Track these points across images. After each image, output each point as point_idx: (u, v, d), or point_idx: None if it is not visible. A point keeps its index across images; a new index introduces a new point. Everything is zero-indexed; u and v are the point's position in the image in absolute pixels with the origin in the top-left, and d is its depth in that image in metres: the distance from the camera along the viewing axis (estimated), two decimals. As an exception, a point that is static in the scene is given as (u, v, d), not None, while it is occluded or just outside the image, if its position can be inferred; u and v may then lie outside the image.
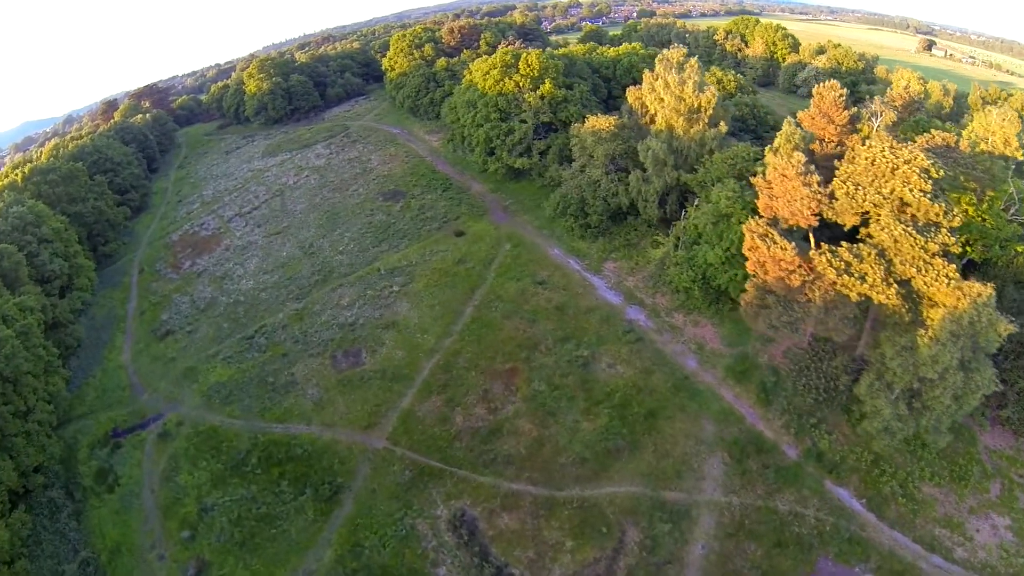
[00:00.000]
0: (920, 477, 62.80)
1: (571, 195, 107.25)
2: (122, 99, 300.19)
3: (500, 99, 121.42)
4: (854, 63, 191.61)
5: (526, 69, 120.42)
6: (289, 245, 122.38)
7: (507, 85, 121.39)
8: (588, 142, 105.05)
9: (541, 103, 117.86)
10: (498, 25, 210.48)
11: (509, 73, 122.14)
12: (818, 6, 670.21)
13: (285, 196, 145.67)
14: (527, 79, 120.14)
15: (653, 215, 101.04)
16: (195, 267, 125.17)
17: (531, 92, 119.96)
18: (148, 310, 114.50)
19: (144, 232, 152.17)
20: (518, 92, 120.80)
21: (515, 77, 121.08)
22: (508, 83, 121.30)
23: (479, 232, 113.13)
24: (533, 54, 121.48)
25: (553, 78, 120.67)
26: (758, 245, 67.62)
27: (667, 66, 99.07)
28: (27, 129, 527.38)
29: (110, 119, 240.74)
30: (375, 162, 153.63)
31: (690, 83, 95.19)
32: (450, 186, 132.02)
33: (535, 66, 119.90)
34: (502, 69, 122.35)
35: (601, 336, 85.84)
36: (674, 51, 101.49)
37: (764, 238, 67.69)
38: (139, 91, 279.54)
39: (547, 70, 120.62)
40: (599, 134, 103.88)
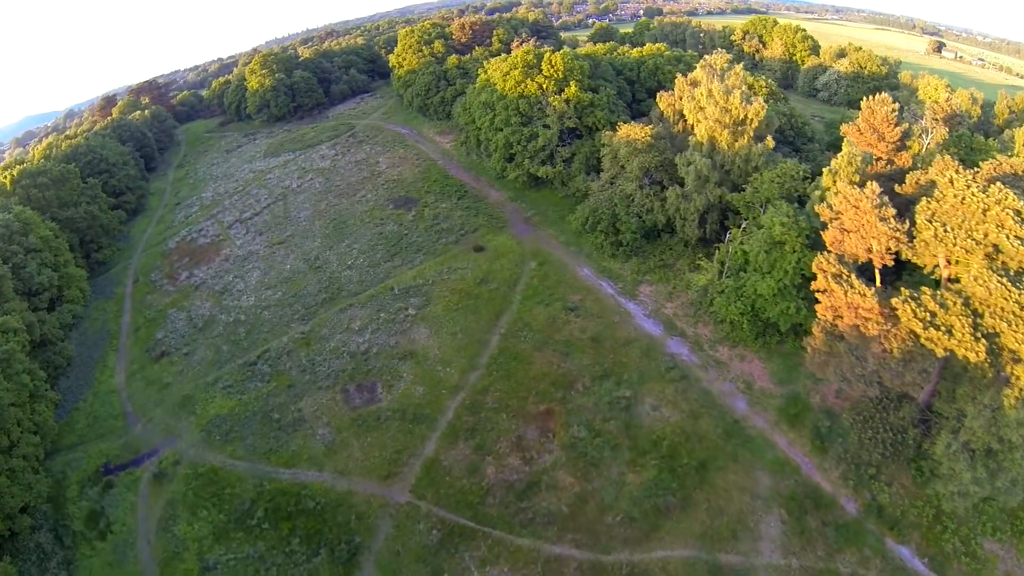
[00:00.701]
0: (982, 532, 57.32)
1: (601, 210, 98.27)
2: (122, 94, 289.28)
3: (521, 102, 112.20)
4: (877, 67, 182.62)
5: (549, 70, 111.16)
6: (293, 257, 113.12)
7: (529, 87, 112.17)
8: (621, 152, 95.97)
9: (566, 107, 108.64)
10: (510, 22, 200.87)
11: (531, 74, 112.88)
12: (823, 5, 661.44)
13: (288, 201, 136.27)
14: (551, 81, 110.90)
15: (692, 235, 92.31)
16: (193, 279, 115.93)
17: (555, 95, 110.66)
18: (143, 326, 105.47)
19: (140, 237, 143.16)
20: (541, 95, 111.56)
21: (538, 79, 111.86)
22: (530, 85, 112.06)
23: (500, 247, 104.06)
24: (557, 54, 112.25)
25: (578, 80, 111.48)
26: (832, 288, 60.00)
27: (710, 73, 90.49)
28: (28, 123, 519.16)
29: (108, 115, 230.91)
30: (383, 165, 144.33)
31: (737, 93, 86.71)
32: (465, 193, 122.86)
33: (559, 67, 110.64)
34: (523, 70, 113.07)
35: (643, 373, 77.11)
36: (717, 56, 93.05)
37: (839, 280, 59.93)
38: (138, 86, 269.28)
39: (572, 72, 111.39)
40: (633, 144, 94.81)
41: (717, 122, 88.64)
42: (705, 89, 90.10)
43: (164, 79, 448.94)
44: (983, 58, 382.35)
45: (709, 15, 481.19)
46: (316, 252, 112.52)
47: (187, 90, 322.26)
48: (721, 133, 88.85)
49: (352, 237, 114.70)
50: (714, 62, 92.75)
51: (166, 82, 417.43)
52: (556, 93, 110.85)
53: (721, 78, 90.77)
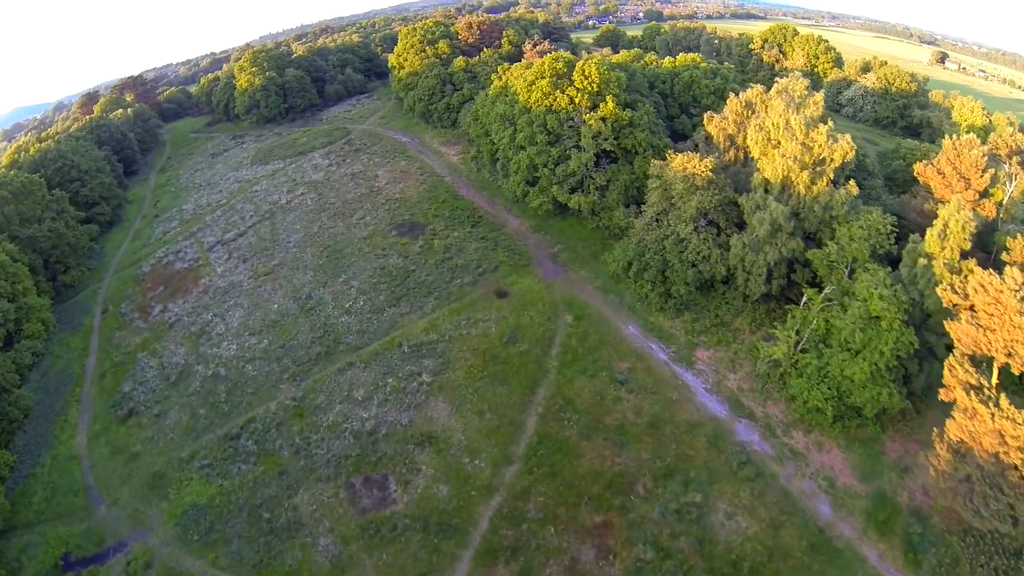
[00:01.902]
0: None
1: (649, 254, 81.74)
2: (105, 91, 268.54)
3: (550, 118, 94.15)
4: (906, 84, 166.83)
5: (582, 82, 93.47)
6: (281, 293, 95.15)
7: (559, 101, 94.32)
8: (678, 188, 79.11)
9: (602, 126, 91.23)
10: (519, 22, 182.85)
11: (561, 85, 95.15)
12: (819, 11, 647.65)
13: (276, 220, 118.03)
14: (584, 95, 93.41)
15: (756, 291, 76.20)
16: (167, 314, 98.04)
17: (589, 112, 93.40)
18: (109, 372, 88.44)
19: (114, 254, 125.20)
20: (573, 111, 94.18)
21: (569, 91, 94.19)
22: (560, 99, 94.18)
23: (527, 292, 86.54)
24: (591, 64, 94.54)
25: (615, 95, 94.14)
26: (974, 407, 48.65)
27: (787, 101, 74.13)
28: (18, 115, 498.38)
29: (90, 113, 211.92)
30: (383, 179, 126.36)
31: (822, 129, 71.00)
32: (479, 219, 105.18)
33: (594, 79, 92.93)
34: (552, 80, 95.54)
35: (712, 469, 61.67)
36: (795, 82, 76.72)
37: (980, 395, 48.63)
38: (122, 83, 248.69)
39: (608, 84, 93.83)
40: (692, 180, 78.12)
41: (795, 161, 72.47)
42: (781, 120, 73.83)
43: (155, 73, 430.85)
44: (984, 69, 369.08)
45: (709, 19, 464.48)
46: (308, 289, 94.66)
47: (177, 86, 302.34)
48: (799, 174, 73.02)
49: (349, 270, 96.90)
50: (792, 89, 76.24)
51: (157, 76, 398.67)
52: (590, 109, 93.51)
53: (798, 107, 74.56)
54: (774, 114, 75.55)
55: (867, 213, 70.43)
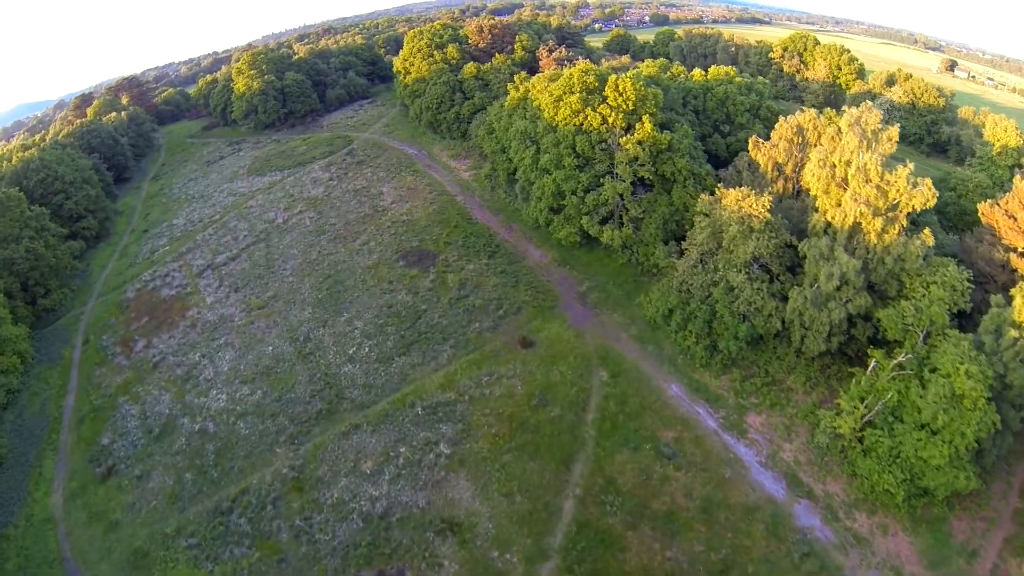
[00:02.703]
0: None
1: (694, 304, 71.51)
2: (102, 91, 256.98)
3: (580, 139, 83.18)
4: (933, 99, 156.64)
5: (616, 99, 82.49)
6: (276, 333, 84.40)
7: (591, 120, 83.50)
8: (731, 231, 68.67)
9: (640, 151, 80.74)
10: (531, 26, 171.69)
11: (592, 102, 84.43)
12: (822, 15, 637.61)
13: (271, 243, 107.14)
14: (618, 114, 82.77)
15: (814, 349, 65.83)
16: (151, 352, 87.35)
17: (625, 134, 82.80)
18: (88, 418, 78.36)
19: (99, 274, 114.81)
20: (606, 132, 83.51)
21: (601, 109, 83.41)
22: (592, 117, 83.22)
23: (555, 341, 75.77)
24: (625, 78, 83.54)
25: (651, 114, 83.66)
26: None
27: (859, 136, 63.94)
28: (20, 112, 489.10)
29: (83, 116, 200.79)
30: (388, 197, 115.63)
31: (902, 172, 61.07)
32: (497, 248, 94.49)
33: (629, 96, 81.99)
34: (583, 95, 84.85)
35: (772, 564, 52.10)
36: (868, 113, 66.12)
37: None
38: (118, 84, 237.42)
39: (644, 102, 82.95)
40: (747, 221, 67.74)
41: (867, 205, 62.24)
42: (855, 159, 63.63)
43: (157, 72, 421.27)
44: (991, 78, 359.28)
45: (715, 23, 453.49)
46: (306, 328, 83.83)
47: (177, 86, 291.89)
48: (871, 221, 62.65)
49: (352, 307, 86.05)
50: (865, 120, 65.81)
51: (158, 75, 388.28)
52: (624, 130, 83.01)
53: (869, 143, 64.40)
54: (844, 150, 65.50)
55: (942, 266, 61.17)
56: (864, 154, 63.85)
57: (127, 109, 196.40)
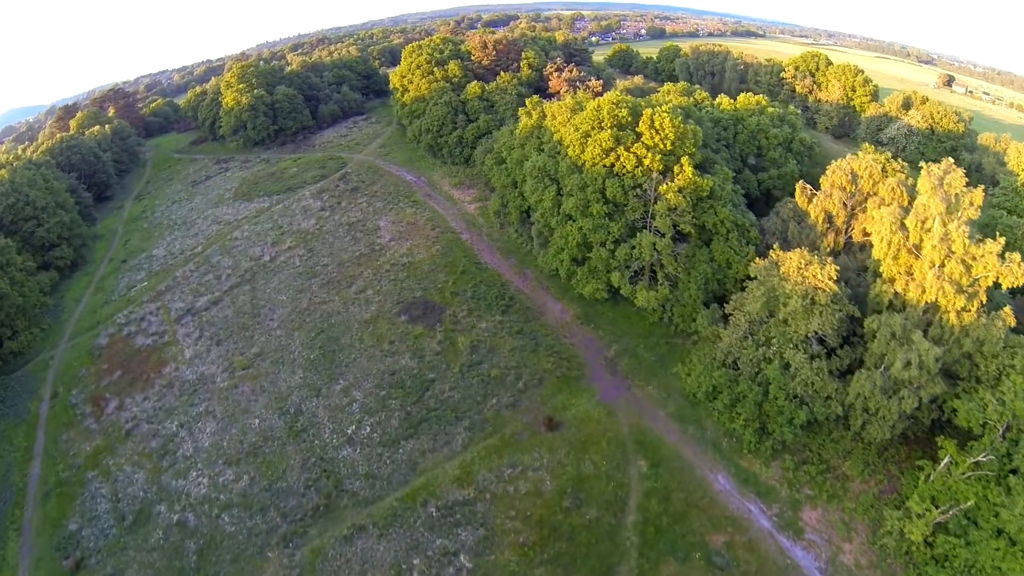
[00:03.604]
0: None
1: (744, 384, 59.50)
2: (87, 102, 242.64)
3: (611, 183, 70.77)
4: (952, 124, 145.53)
5: (653, 137, 70.07)
6: (263, 402, 71.60)
7: (624, 161, 71.02)
8: (794, 305, 56.50)
9: (680, 199, 68.16)
10: (537, 41, 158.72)
11: (624, 140, 71.89)
12: (815, 28, 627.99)
13: (257, 285, 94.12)
14: (655, 155, 70.08)
15: (877, 436, 55.58)
16: (123, 415, 74.96)
17: (660, 176, 70.07)
18: (55, 493, 67.00)
19: (72, 310, 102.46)
20: (642, 176, 70.67)
21: (635, 148, 70.79)
22: (625, 158, 70.88)
23: (585, 422, 63.65)
24: (662, 112, 70.88)
25: (691, 154, 71.37)
26: None
27: (942, 199, 52.17)
28: (13, 116, 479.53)
29: (65, 129, 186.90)
30: (386, 234, 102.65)
31: (994, 247, 51.49)
32: (511, 301, 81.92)
33: (667, 133, 69.55)
34: (614, 132, 72.05)
35: None
36: (953, 173, 54.81)
37: None
38: (103, 95, 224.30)
39: (683, 140, 70.81)
40: (810, 294, 55.72)
41: (948, 281, 50.42)
42: (936, 227, 51.90)
43: (150, 79, 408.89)
44: (988, 92, 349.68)
45: (710, 36, 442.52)
46: (297, 398, 71.11)
47: (169, 95, 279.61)
48: (952, 300, 52.27)
49: (349, 373, 73.32)
50: (949, 182, 54.24)
51: (151, 83, 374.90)
52: (661, 173, 70.44)
53: (949, 206, 52.65)
54: (922, 212, 54.14)
55: (1022, 349, 51.45)
56: (948, 222, 52.31)
57: (112, 122, 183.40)
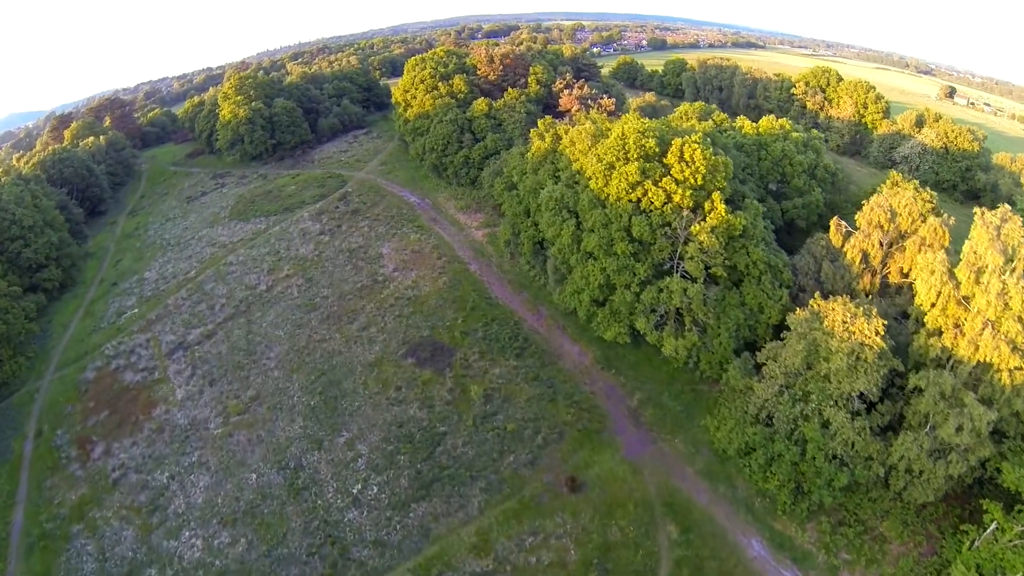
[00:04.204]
0: None
1: (780, 442, 54.57)
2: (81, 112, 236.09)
3: (638, 220, 65.19)
4: (967, 143, 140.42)
5: (683, 171, 64.46)
6: (260, 454, 65.76)
7: (652, 196, 65.31)
8: (839, 363, 51.19)
9: (713, 240, 62.48)
10: (544, 55, 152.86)
11: (652, 173, 66.15)
12: (813, 39, 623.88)
13: (253, 318, 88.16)
14: (685, 190, 64.36)
15: (919, 499, 52.14)
16: (111, 460, 69.69)
17: (690, 212, 64.27)
18: (38, 547, 61.65)
19: (60, 335, 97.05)
20: (671, 213, 64.77)
21: (665, 183, 65.07)
22: (654, 194, 65.18)
23: (609, 481, 58.30)
24: (692, 142, 65.02)
25: (721, 188, 65.72)
26: None
27: (1001, 254, 47.41)
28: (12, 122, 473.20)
29: (60, 140, 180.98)
30: (389, 263, 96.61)
31: None
32: (526, 343, 76.03)
33: (698, 167, 63.95)
34: (641, 164, 66.25)
35: None
36: (1011, 221, 49.47)
37: None
38: (99, 104, 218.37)
39: (715, 174, 65.15)
40: (857, 351, 50.40)
41: (1004, 340, 45.18)
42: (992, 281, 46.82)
43: (150, 86, 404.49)
44: (989, 103, 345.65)
45: (711, 48, 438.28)
46: (297, 450, 65.31)
47: (166, 104, 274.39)
48: (1007, 359, 48.47)
49: (353, 423, 67.43)
50: (1007, 234, 48.98)
51: (151, 90, 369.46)
52: (692, 210, 64.70)
53: (1007, 258, 47.46)
54: (975, 262, 49.79)
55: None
56: (1005, 275, 47.20)
57: (107, 133, 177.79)
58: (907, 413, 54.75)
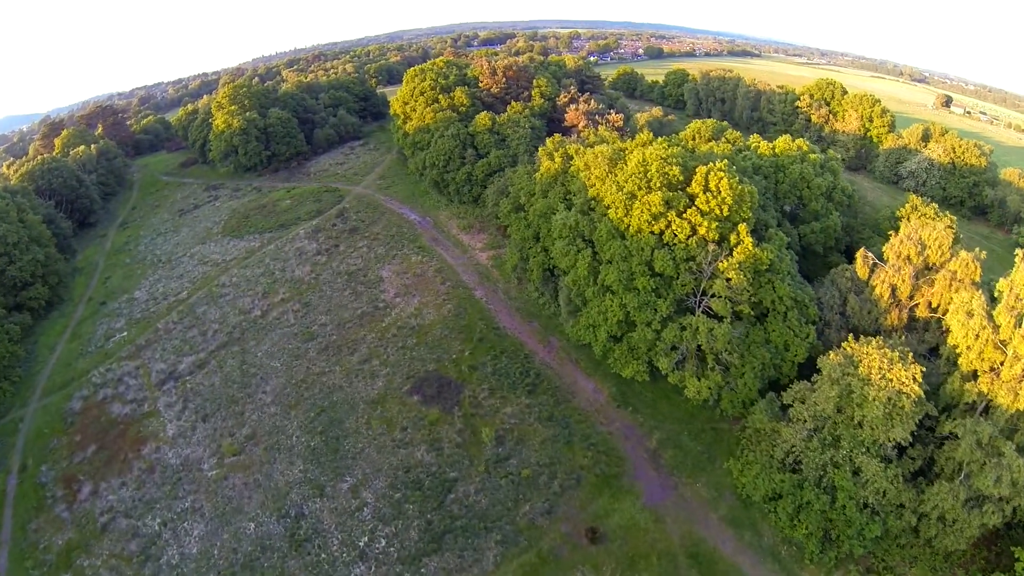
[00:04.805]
0: None
1: (809, 490, 51.68)
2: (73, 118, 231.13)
3: (660, 254, 61.54)
4: (975, 159, 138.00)
5: (709, 202, 60.88)
6: (258, 499, 61.56)
7: (676, 228, 61.67)
8: (875, 413, 48.14)
9: (740, 277, 58.70)
10: (548, 67, 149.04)
11: (676, 203, 62.45)
12: (807, 47, 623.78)
13: (247, 347, 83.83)
14: (711, 222, 60.65)
15: (951, 547, 50.52)
16: (99, 504, 64.79)
17: (719, 251, 60.54)
18: None
19: (46, 359, 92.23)
20: (696, 247, 60.99)
21: (690, 214, 61.39)
22: (678, 226, 61.52)
23: (631, 532, 54.72)
24: (719, 172, 61.37)
25: (747, 219, 62.14)
26: None
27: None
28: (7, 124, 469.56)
29: (51, 148, 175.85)
30: (390, 287, 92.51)
31: None
32: (538, 379, 71.96)
33: (725, 197, 60.47)
34: (664, 194, 62.38)
35: None
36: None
37: None
38: (92, 111, 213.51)
39: (741, 204, 61.62)
40: (895, 400, 47.63)
41: None
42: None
43: (144, 91, 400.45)
44: (985, 111, 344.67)
45: (707, 56, 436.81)
46: (297, 497, 61.13)
47: (160, 111, 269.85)
48: None
49: (357, 467, 63.24)
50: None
51: (145, 95, 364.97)
52: (716, 243, 61.02)
53: None
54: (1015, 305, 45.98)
55: None
56: None
57: (98, 142, 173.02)
58: (938, 458, 52.72)
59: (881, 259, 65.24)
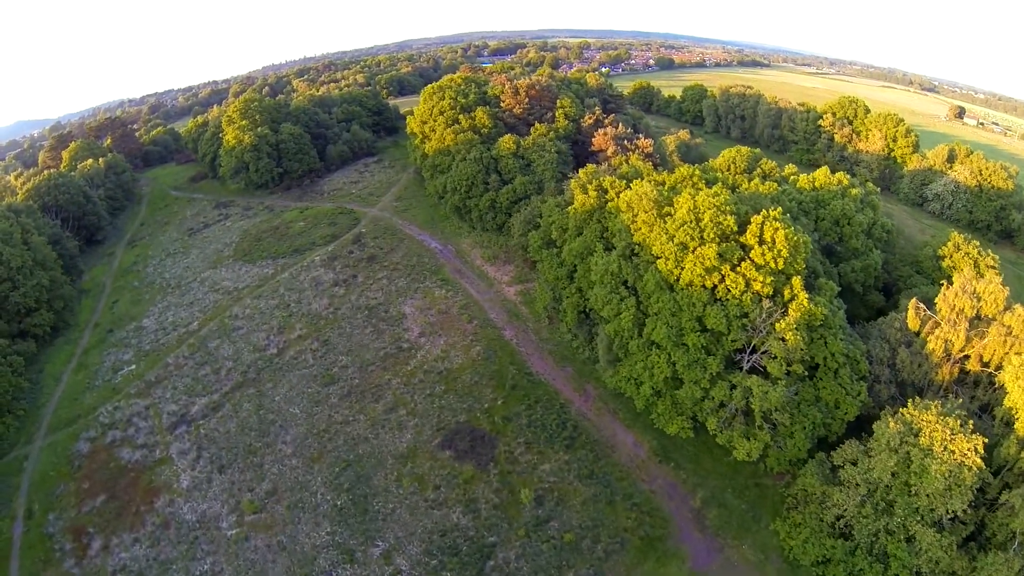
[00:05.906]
0: None
1: (862, 558, 50.37)
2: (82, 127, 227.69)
3: (712, 310, 57.97)
4: (1001, 181, 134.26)
5: (764, 255, 57.15)
6: (283, 566, 57.87)
7: (730, 283, 58.10)
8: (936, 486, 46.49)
9: (797, 338, 54.76)
10: (570, 86, 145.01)
11: (730, 256, 58.73)
12: (815, 56, 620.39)
13: (264, 389, 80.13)
14: (766, 275, 56.92)
15: None
16: (111, 563, 61.05)
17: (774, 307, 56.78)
18: None
19: (52, 390, 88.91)
20: (751, 304, 57.14)
21: (744, 268, 57.66)
22: (732, 280, 57.98)
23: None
24: (775, 222, 57.72)
25: (801, 271, 58.42)
26: None
27: None
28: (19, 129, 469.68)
29: (58, 160, 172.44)
30: (414, 325, 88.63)
31: None
32: (576, 432, 68.23)
33: (781, 249, 56.79)
34: (720, 247, 58.55)
35: None
36: None
37: None
38: (100, 123, 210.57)
39: (796, 256, 57.88)
40: (956, 472, 44.82)
41: None
42: None
43: (155, 98, 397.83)
44: (997, 122, 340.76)
45: (717, 67, 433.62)
46: (327, 563, 57.61)
47: (170, 120, 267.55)
48: None
49: (388, 530, 59.57)
50: None
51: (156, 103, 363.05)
52: (770, 297, 57.20)
53: None
54: None
55: None
56: None
57: (106, 155, 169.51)
58: (990, 522, 50.03)
59: (930, 306, 62.24)
